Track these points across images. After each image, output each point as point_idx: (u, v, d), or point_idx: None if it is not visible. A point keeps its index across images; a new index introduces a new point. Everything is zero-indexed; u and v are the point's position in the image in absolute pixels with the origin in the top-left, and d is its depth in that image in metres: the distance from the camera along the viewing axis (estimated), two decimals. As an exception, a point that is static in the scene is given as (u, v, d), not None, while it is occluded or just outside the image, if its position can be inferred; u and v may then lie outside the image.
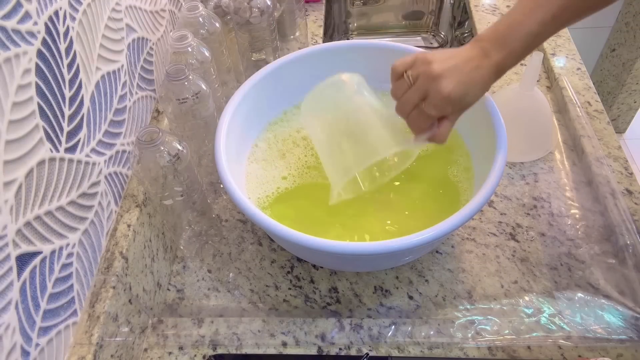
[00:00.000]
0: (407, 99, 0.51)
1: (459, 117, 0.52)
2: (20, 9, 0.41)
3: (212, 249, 0.68)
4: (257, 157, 0.68)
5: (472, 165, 0.63)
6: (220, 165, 0.57)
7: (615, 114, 1.89)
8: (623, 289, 0.59)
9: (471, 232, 0.66)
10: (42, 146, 0.44)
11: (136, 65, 0.64)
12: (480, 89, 0.50)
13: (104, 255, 0.54)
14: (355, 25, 1.26)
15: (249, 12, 0.74)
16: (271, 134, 0.71)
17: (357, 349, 0.56)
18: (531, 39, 0.50)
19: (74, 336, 0.49)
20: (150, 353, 0.58)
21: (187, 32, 0.63)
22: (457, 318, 0.58)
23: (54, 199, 0.46)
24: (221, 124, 0.61)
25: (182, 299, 0.63)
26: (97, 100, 0.54)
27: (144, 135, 0.52)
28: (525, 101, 0.71)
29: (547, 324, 0.57)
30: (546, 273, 0.62)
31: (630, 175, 0.69)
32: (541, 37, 0.50)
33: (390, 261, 0.59)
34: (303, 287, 0.63)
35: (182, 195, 0.58)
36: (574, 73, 0.84)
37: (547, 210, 0.68)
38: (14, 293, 0.40)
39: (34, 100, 0.43)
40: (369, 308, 0.60)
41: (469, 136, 0.66)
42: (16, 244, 0.40)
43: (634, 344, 0.54)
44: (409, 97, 0.51)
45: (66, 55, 0.48)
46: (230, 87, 0.77)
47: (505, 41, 0.50)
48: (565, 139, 0.76)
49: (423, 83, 0.50)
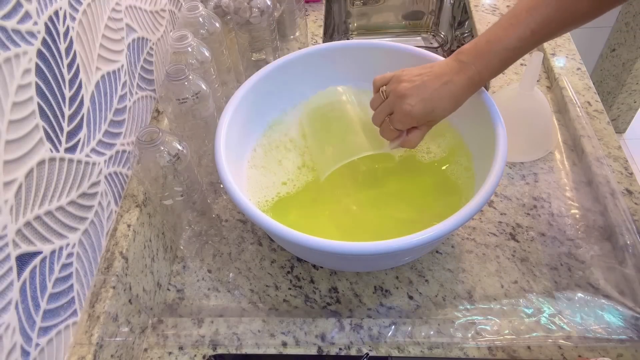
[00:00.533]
0: (379, 112, 0.58)
1: (430, 127, 0.57)
2: (20, 9, 0.41)
3: (212, 249, 0.68)
4: (256, 163, 0.68)
5: (472, 165, 0.63)
6: (220, 165, 0.56)
7: (615, 114, 1.89)
8: (623, 289, 0.59)
9: (471, 232, 0.66)
10: (42, 146, 0.44)
11: (136, 65, 0.64)
12: (449, 103, 0.54)
13: (104, 255, 0.54)
14: (355, 25, 1.26)
15: (249, 12, 0.74)
16: (266, 140, 0.70)
17: (357, 349, 0.56)
18: (509, 53, 0.52)
19: (74, 336, 0.49)
20: (150, 353, 0.58)
21: (187, 32, 0.63)
22: (457, 318, 0.58)
23: (54, 199, 0.46)
24: (221, 124, 0.61)
25: (182, 299, 0.63)
26: (97, 100, 0.54)
27: (144, 135, 0.52)
28: (525, 101, 0.71)
29: (547, 324, 0.57)
30: (546, 273, 0.62)
31: (630, 175, 0.69)
32: (519, 52, 0.53)
33: (390, 261, 0.59)
34: (303, 287, 0.63)
35: (182, 195, 0.58)
36: (574, 73, 0.84)
37: (547, 210, 0.68)
38: (14, 293, 0.40)
39: (34, 100, 0.43)
40: (369, 308, 0.60)
41: (469, 136, 0.66)
42: (16, 244, 0.41)
43: (634, 344, 0.54)
44: (380, 110, 0.58)
45: (66, 55, 0.48)
46: (230, 87, 0.77)
47: (483, 56, 0.53)
48: (565, 139, 0.76)
49: (391, 100, 0.56)
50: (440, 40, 1.23)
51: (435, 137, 0.68)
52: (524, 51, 0.53)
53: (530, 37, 0.51)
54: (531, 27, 0.51)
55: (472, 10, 1.03)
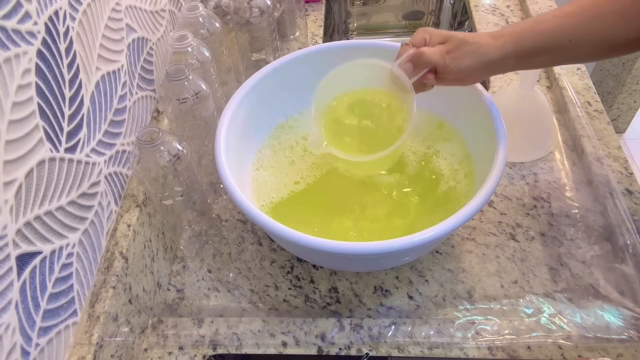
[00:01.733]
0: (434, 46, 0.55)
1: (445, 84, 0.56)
2: (20, 9, 0.41)
3: (212, 249, 0.68)
4: (263, 163, 0.68)
5: (473, 166, 0.63)
6: (220, 165, 0.56)
7: (615, 114, 1.89)
8: (623, 289, 0.59)
9: (471, 232, 0.66)
10: (42, 146, 0.44)
11: (136, 65, 0.64)
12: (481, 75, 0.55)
13: (104, 255, 0.54)
14: (355, 25, 1.26)
15: (249, 12, 0.74)
16: (275, 141, 0.70)
17: (357, 349, 0.56)
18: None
19: (74, 336, 0.49)
20: (150, 353, 0.58)
21: (187, 32, 0.63)
22: (457, 318, 0.58)
23: (54, 199, 0.46)
24: (221, 124, 0.61)
25: (182, 299, 0.63)
26: (97, 100, 0.54)
27: (144, 135, 0.52)
28: (525, 101, 0.71)
29: (547, 324, 0.57)
30: (546, 273, 0.62)
31: (630, 175, 0.69)
32: (505, 68, 0.55)
33: (390, 261, 0.59)
34: (303, 287, 0.63)
35: (182, 195, 0.58)
36: (574, 73, 0.84)
37: (547, 210, 0.68)
38: (14, 293, 0.40)
39: (34, 100, 0.43)
40: (369, 308, 0.60)
41: (469, 136, 0.66)
42: (16, 244, 0.40)
43: (634, 344, 0.54)
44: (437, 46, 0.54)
45: (66, 55, 0.48)
46: (230, 87, 0.77)
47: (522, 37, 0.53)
48: (565, 139, 0.76)
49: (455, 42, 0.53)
50: (440, 40, 1.23)
51: (435, 137, 0.68)
52: (510, 68, 0.55)
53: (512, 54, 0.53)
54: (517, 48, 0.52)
55: (472, 10, 1.03)
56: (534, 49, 0.53)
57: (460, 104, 0.64)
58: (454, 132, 0.67)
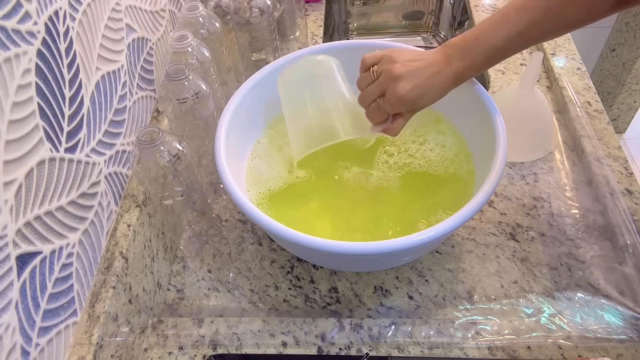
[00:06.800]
0: (368, 92, 0.55)
1: (412, 116, 0.56)
2: (20, 9, 0.41)
3: (212, 249, 0.68)
4: (259, 152, 0.68)
5: (473, 165, 0.63)
6: (220, 165, 0.56)
7: (615, 114, 1.89)
8: (623, 289, 0.59)
9: (471, 232, 0.66)
10: (42, 146, 0.44)
11: (136, 65, 0.64)
12: (437, 93, 0.54)
13: (104, 255, 0.54)
14: (355, 25, 1.26)
15: (249, 12, 0.74)
16: (273, 130, 0.70)
17: (357, 349, 0.56)
18: (495, 52, 0.52)
19: (74, 336, 0.49)
20: (150, 353, 0.58)
21: (187, 32, 0.63)
22: (457, 318, 0.58)
23: (54, 199, 0.46)
24: (221, 124, 0.61)
25: (182, 299, 0.63)
26: (97, 100, 0.54)
27: (144, 135, 0.52)
28: (525, 101, 0.71)
29: (547, 324, 0.57)
30: (546, 273, 0.62)
31: (630, 175, 0.69)
32: (506, 52, 0.53)
33: (390, 261, 0.59)
34: (303, 287, 0.63)
35: (182, 195, 0.58)
36: (574, 73, 0.84)
37: (547, 210, 0.68)
38: (14, 293, 0.40)
39: (34, 100, 0.43)
40: (369, 308, 0.60)
41: (469, 136, 0.66)
42: (16, 244, 0.40)
43: (634, 344, 0.54)
44: (369, 91, 0.55)
45: (66, 55, 0.48)
46: (230, 87, 0.77)
47: (469, 52, 0.53)
48: (565, 139, 0.76)
49: (384, 81, 0.53)
50: (440, 40, 1.23)
51: (435, 137, 0.68)
52: (511, 51, 0.53)
53: (517, 37, 0.51)
54: (518, 28, 0.51)
55: (472, 10, 1.03)
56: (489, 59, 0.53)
57: (460, 104, 0.64)
58: (454, 132, 0.67)
